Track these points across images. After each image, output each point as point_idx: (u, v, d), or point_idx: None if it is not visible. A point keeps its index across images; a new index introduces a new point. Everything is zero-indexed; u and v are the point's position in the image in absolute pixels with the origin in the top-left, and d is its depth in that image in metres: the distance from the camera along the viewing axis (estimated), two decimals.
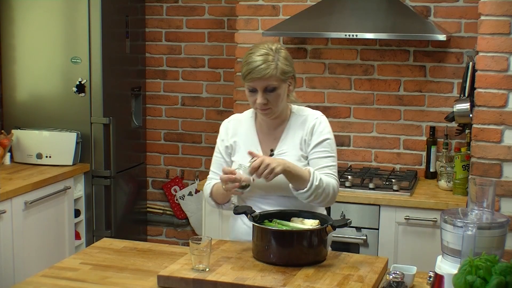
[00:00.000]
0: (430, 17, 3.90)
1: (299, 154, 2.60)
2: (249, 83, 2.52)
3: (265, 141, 2.66)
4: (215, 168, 2.72)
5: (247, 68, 2.50)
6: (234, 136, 2.69)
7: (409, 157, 4.04)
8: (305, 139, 2.61)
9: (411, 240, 3.53)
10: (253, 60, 2.50)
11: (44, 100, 4.24)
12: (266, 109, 2.54)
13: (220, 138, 2.73)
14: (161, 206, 4.88)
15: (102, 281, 2.29)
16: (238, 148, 2.67)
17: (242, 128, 2.70)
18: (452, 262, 2.02)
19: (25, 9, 4.19)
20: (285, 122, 2.65)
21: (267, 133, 2.67)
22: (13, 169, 3.99)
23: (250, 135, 2.67)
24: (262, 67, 2.49)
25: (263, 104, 2.52)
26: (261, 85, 2.50)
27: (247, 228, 2.58)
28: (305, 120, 2.64)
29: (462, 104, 3.51)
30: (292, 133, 2.63)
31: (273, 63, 2.50)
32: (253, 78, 2.49)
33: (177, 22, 4.70)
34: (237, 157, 2.65)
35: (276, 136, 2.65)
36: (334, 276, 2.23)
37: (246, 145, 2.65)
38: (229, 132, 2.70)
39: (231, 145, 2.68)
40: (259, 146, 2.65)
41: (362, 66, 4.06)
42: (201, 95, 4.71)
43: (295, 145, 2.62)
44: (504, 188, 3.12)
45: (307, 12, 3.86)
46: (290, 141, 2.63)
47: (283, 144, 2.63)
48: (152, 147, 4.85)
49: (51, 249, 3.88)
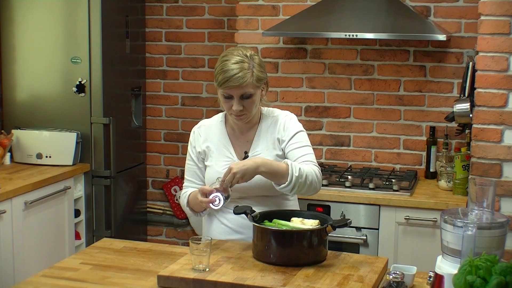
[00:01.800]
0: (430, 17, 3.90)
1: (273, 154, 2.61)
2: (226, 90, 2.51)
3: (238, 144, 2.67)
4: (189, 176, 2.74)
5: (223, 77, 2.48)
6: (206, 141, 2.69)
7: (409, 157, 4.04)
8: (277, 137, 2.63)
9: (411, 240, 3.53)
10: (229, 68, 2.48)
11: (44, 100, 4.24)
12: (242, 115, 2.55)
13: (191, 145, 2.72)
14: (161, 206, 4.88)
15: (102, 281, 2.29)
16: (211, 153, 2.67)
17: (213, 133, 2.70)
18: (452, 262, 2.02)
19: (25, 9, 4.19)
20: (256, 125, 2.67)
21: (239, 136, 2.67)
22: (13, 169, 3.99)
23: (222, 140, 2.68)
24: (239, 76, 2.48)
25: (239, 110, 2.52)
26: (238, 93, 2.50)
27: (225, 228, 2.61)
28: (275, 121, 2.66)
29: (462, 104, 3.51)
30: (264, 134, 2.65)
31: (249, 71, 2.50)
32: (230, 86, 2.49)
33: (177, 22, 4.70)
34: (210, 162, 2.66)
35: (249, 139, 2.66)
36: (334, 276, 2.23)
37: (219, 149, 2.66)
38: (200, 138, 2.70)
39: (203, 151, 2.68)
40: (232, 150, 2.65)
41: (362, 66, 4.06)
42: (201, 95, 4.71)
43: (269, 145, 2.63)
44: (504, 188, 3.12)
45: (307, 12, 3.86)
46: (263, 142, 2.64)
47: (257, 145, 2.64)
48: (152, 147, 4.85)
49: (51, 249, 3.88)
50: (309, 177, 2.49)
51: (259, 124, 2.67)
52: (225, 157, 2.64)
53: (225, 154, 2.65)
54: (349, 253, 2.50)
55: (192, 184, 2.73)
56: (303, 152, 2.60)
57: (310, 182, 2.50)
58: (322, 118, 4.14)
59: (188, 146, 2.75)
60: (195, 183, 2.72)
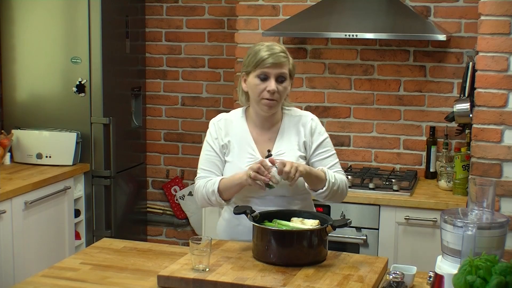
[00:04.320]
0: (430, 17, 3.90)
1: (297, 154, 2.61)
2: (265, 69, 2.52)
3: (259, 142, 2.64)
4: (208, 166, 2.66)
5: (268, 53, 2.52)
6: (227, 136, 2.66)
7: (409, 157, 4.04)
8: (304, 141, 2.63)
9: (411, 240, 3.53)
10: (273, 47, 2.55)
11: (44, 100, 4.24)
12: (273, 99, 2.54)
13: (212, 136, 2.68)
14: (161, 206, 4.88)
15: (102, 281, 2.29)
16: (232, 148, 2.64)
17: (234, 128, 2.67)
18: (452, 262, 2.02)
19: (25, 9, 4.19)
20: (279, 123, 2.66)
21: (260, 133, 2.65)
22: (13, 169, 3.99)
23: (243, 136, 2.65)
24: (282, 55, 2.54)
25: (273, 92, 2.52)
26: (276, 72, 2.53)
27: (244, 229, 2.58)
28: (299, 121, 2.66)
29: (462, 104, 3.51)
30: (287, 134, 2.64)
31: (288, 58, 2.59)
32: (272, 63, 2.51)
33: (177, 22, 4.70)
34: (231, 157, 2.64)
35: (271, 137, 2.65)
36: (334, 276, 2.23)
37: (240, 145, 2.63)
38: (221, 131, 2.67)
39: (225, 144, 2.65)
40: (255, 146, 2.63)
41: (362, 66, 4.06)
42: (201, 95, 4.71)
43: (293, 145, 2.62)
44: (504, 188, 3.12)
45: (307, 12, 3.86)
46: (286, 141, 2.63)
47: (280, 144, 2.63)
48: (152, 147, 4.85)
49: (51, 249, 3.88)
50: (340, 186, 2.58)
51: (281, 122, 2.66)
52: (248, 153, 2.61)
53: (248, 151, 2.61)
54: (349, 253, 2.50)
55: (211, 175, 2.64)
56: (332, 161, 2.64)
57: (341, 191, 2.59)
58: (322, 118, 4.14)
59: (207, 137, 2.70)
60: (214, 173, 2.64)
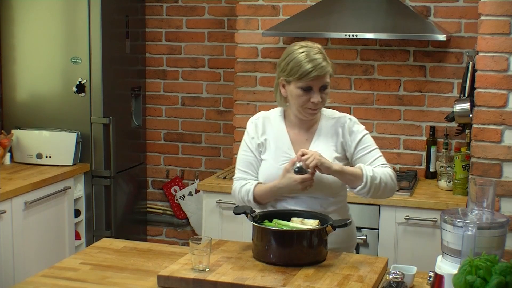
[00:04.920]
0: (430, 17, 3.90)
1: (333, 156, 2.57)
2: (309, 82, 2.46)
3: (296, 142, 2.62)
4: (244, 166, 2.66)
5: (311, 66, 2.44)
6: (264, 134, 2.65)
7: (409, 157, 4.04)
8: (341, 141, 2.60)
9: (411, 240, 3.53)
10: (314, 58, 2.46)
11: (44, 100, 4.24)
12: (317, 109, 2.52)
13: (249, 135, 2.67)
14: (161, 206, 4.88)
15: (102, 281, 2.29)
16: (268, 147, 2.63)
17: (271, 126, 2.65)
18: (452, 262, 2.02)
19: (25, 9, 4.19)
20: (317, 124, 2.63)
21: (297, 134, 2.63)
22: (13, 169, 3.99)
23: (280, 135, 2.63)
24: (324, 65, 2.47)
25: (318, 103, 2.49)
26: (319, 83, 2.48)
27: None
28: (336, 122, 2.62)
29: (462, 104, 3.51)
30: (324, 135, 2.61)
31: (326, 61, 2.49)
32: (315, 76, 2.45)
33: (177, 22, 4.70)
34: (267, 156, 2.62)
35: (308, 137, 2.62)
36: (334, 276, 2.23)
37: (277, 145, 2.62)
38: (258, 130, 2.66)
39: (262, 143, 2.64)
40: (291, 147, 2.61)
41: (362, 66, 4.06)
42: (201, 95, 4.71)
43: (329, 147, 2.59)
44: (504, 188, 3.12)
45: (307, 12, 3.86)
46: (323, 143, 2.59)
47: (316, 146, 2.59)
48: (152, 147, 4.85)
49: (51, 249, 3.88)
50: (383, 179, 2.51)
51: (319, 123, 2.63)
52: (284, 153, 2.60)
53: (284, 150, 2.60)
54: (349, 253, 2.51)
55: (248, 176, 2.65)
56: (373, 156, 2.59)
57: (385, 184, 2.52)
58: None
59: (245, 136, 2.69)
60: (250, 174, 2.65)
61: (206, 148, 4.72)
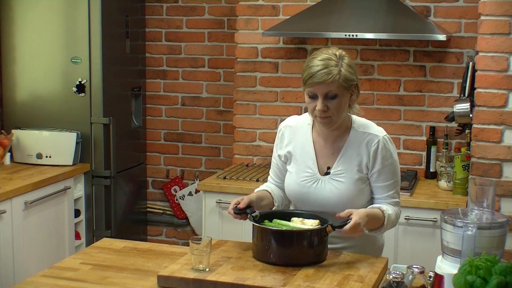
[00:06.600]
0: (430, 17, 3.90)
1: (355, 177, 2.51)
2: (309, 88, 2.41)
3: (321, 155, 2.56)
4: (271, 172, 2.72)
5: (308, 72, 2.40)
6: (289, 145, 2.61)
7: (409, 157, 4.04)
8: (366, 162, 2.52)
9: (411, 240, 3.53)
10: (314, 64, 2.40)
11: (44, 100, 4.24)
12: (326, 117, 2.44)
13: (276, 142, 2.68)
14: (161, 206, 4.88)
15: (102, 281, 2.29)
16: (293, 159, 2.60)
17: (298, 136, 2.61)
18: (452, 262, 2.02)
19: (25, 9, 4.19)
20: (345, 137, 2.54)
21: (324, 145, 2.57)
22: (13, 169, 3.99)
23: (306, 147, 2.58)
24: (324, 72, 2.38)
25: (323, 111, 2.41)
26: (322, 91, 2.40)
27: None
28: (365, 139, 2.53)
29: (462, 104, 3.51)
30: (351, 152, 2.52)
31: (336, 69, 2.39)
32: (313, 83, 2.39)
33: (177, 22, 4.70)
34: (292, 168, 2.60)
35: (334, 151, 2.55)
36: (334, 276, 2.23)
37: (302, 157, 2.58)
38: (283, 140, 2.64)
39: (285, 155, 2.63)
40: (315, 160, 2.56)
41: (362, 66, 4.06)
42: (201, 95, 4.71)
43: (353, 166, 2.52)
44: (504, 188, 3.12)
45: (307, 12, 3.86)
46: (348, 160, 2.52)
47: (341, 163, 2.53)
48: (152, 147, 4.85)
49: (51, 249, 3.88)
50: (393, 223, 2.56)
51: (348, 136, 2.54)
52: (307, 167, 2.55)
53: (308, 165, 2.55)
54: (349, 253, 2.50)
55: (271, 180, 2.71)
56: (390, 189, 2.55)
57: (391, 226, 2.56)
58: None
59: (276, 140, 2.69)
60: (275, 180, 2.70)
61: (206, 148, 4.72)
